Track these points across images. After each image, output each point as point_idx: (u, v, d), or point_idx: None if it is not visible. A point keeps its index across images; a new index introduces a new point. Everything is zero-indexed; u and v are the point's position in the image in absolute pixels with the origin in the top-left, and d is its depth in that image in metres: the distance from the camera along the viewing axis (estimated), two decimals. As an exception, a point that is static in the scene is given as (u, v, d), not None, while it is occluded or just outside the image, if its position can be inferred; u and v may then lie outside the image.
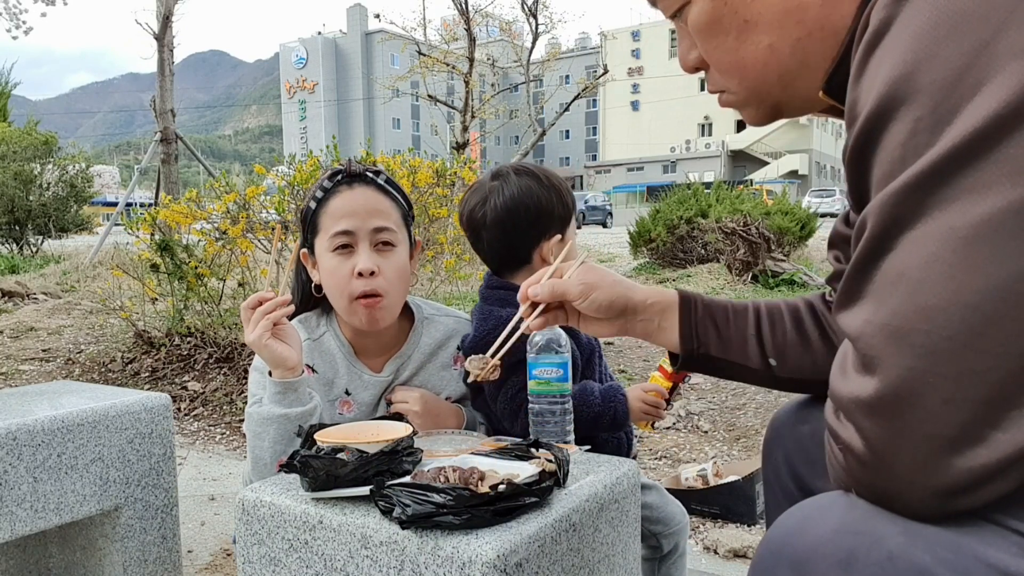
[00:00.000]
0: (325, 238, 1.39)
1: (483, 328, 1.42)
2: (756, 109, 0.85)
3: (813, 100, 0.80)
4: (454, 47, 16.70)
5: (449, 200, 4.29)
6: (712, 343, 1.03)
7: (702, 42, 0.83)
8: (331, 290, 1.41)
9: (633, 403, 1.42)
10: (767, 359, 1.03)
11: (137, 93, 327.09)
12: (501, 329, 1.38)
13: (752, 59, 0.79)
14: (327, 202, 1.41)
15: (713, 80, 0.86)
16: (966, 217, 0.55)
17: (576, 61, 68.89)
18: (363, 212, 1.39)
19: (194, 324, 4.34)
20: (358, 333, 1.47)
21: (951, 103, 0.56)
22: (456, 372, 1.53)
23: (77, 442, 1.60)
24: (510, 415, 1.40)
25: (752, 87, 0.82)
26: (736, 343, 1.03)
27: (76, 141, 25.73)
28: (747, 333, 1.04)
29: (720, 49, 0.81)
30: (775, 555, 0.65)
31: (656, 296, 1.06)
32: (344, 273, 1.37)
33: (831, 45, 0.75)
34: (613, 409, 1.40)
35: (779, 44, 0.77)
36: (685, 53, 0.87)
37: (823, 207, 20.47)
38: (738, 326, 1.04)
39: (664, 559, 1.50)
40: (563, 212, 1.45)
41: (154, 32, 8.42)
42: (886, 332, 0.58)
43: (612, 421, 1.40)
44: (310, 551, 0.95)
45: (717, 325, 1.04)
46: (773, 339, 1.03)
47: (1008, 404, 0.55)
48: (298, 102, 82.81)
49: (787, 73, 0.79)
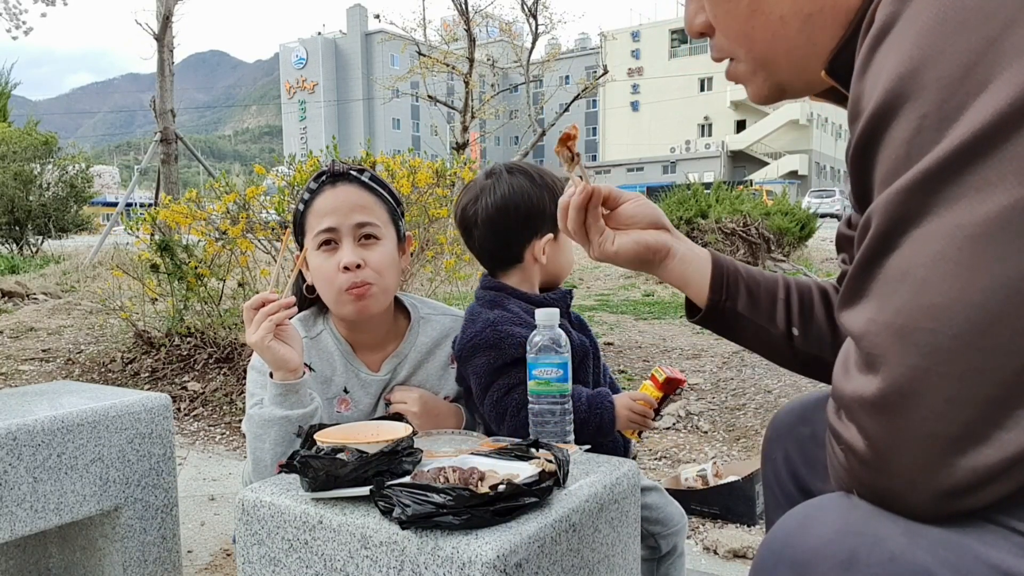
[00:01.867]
0: (310, 237, 1.42)
1: (471, 330, 1.41)
2: (762, 82, 0.84)
3: (815, 81, 0.80)
4: (454, 47, 16.70)
5: (449, 200, 4.28)
6: (741, 299, 1.03)
7: (712, 5, 0.82)
8: (321, 287, 1.43)
9: (621, 411, 1.40)
10: (791, 327, 1.02)
11: (137, 93, 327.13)
12: (488, 331, 1.38)
13: (762, 29, 0.79)
14: (312, 203, 1.43)
15: (719, 46, 0.85)
16: (972, 215, 0.54)
17: (576, 61, 68.84)
18: (345, 208, 1.40)
19: (194, 324, 4.33)
20: (355, 331, 1.47)
21: (957, 100, 0.55)
22: (454, 370, 1.53)
23: (77, 442, 1.60)
24: (496, 419, 1.39)
25: (759, 58, 0.82)
26: (764, 304, 1.03)
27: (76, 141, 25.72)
28: (777, 296, 1.03)
29: (731, 15, 0.81)
30: (776, 556, 0.65)
31: (692, 250, 1.06)
32: (330, 268, 1.39)
33: (840, 25, 0.74)
34: (599, 416, 1.38)
35: (790, 17, 0.77)
36: (692, 16, 0.86)
37: (823, 207, 20.49)
38: (767, 290, 1.04)
39: (662, 560, 1.50)
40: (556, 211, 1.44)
41: (154, 32, 8.42)
42: (890, 330, 0.58)
43: (597, 428, 1.38)
44: (310, 551, 0.95)
45: (748, 284, 1.04)
46: (800, 310, 1.03)
47: (1013, 403, 0.54)
48: (298, 102, 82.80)
49: (794, 48, 0.78)
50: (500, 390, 1.37)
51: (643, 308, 6.74)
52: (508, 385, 1.36)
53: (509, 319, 1.39)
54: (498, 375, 1.37)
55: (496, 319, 1.39)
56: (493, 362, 1.37)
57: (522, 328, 1.37)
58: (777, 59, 0.80)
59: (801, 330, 1.02)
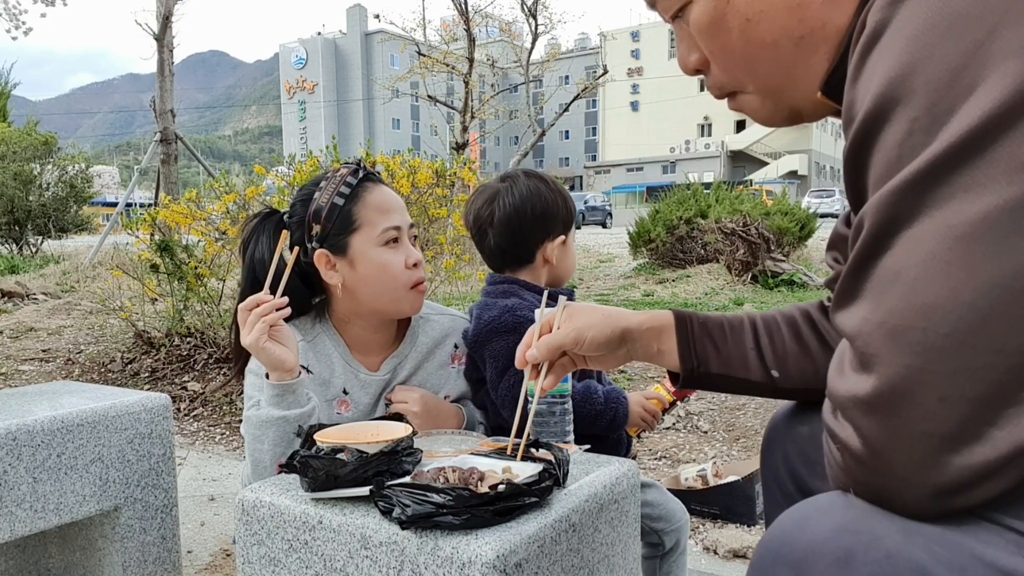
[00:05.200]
0: (373, 233, 1.40)
1: (487, 315, 1.45)
2: (773, 108, 0.84)
3: (822, 103, 0.80)
4: (454, 47, 16.71)
5: (448, 200, 4.29)
6: (712, 360, 1.03)
7: (705, 42, 0.83)
8: (380, 281, 1.41)
9: (633, 407, 1.47)
10: (769, 371, 1.02)
11: (137, 93, 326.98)
12: (507, 316, 1.41)
13: (759, 57, 0.79)
14: (360, 198, 1.41)
15: (719, 84, 0.85)
16: (963, 215, 0.55)
17: (576, 61, 68.88)
18: (400, 208, 1.45)
19: (194, 324, 4.34)
20: (358, 332, 1.48)
21: (947, 103, 0.56)
22: (454, 370, 1.53)
23: (77, 442, 1.60)
24: (510, 403, 1.42)
25: (764, 87, 0.82)
26: (736, 358, 1.02)
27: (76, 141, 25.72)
28: (746, 347, 1.03)
29: (726, 49, 0.81)
30: (773, 555, 0.65)
31: (651, 320, 1.05)
32: (397, 265, 1.41)
33: (832, 45, 0.75)
34: (615, 411, 1.44)
35: (782, 42, 0.77)
36: (685, 55, 0.87)
37: (823, 207, 20.49)
38: (736, 341, 1.03)
39: (666, 556, 1.51)
40: (566, 216, 1.53)
41: (154, 32, 8.42)
42: (883, 330, 0.58)
43: (611, 422, 1.44)
44: (310, 551, 0.95)
45: (715, 342, 1.03)
46: (773, 351, 1.03)
47: (1006, 401, 0.55)
48: (298, 102, 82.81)
49: (794, 71, 0.78)
50: (517, 373, 1.39)
51: (643, 308, 6.73)
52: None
53: (525, 306, 1.44)
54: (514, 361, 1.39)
55: (514, 305, 1.44)
56: (512, 345, 1.39)
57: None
58: (783, 84, 0.80)
59: (780, 370, 1.02)
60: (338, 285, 1.42)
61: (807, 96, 0.80)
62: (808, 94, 0.79)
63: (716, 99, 0.88)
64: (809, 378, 1.02)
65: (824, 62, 0.76)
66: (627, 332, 1.04)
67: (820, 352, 1.02)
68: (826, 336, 1.03)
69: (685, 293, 7.53)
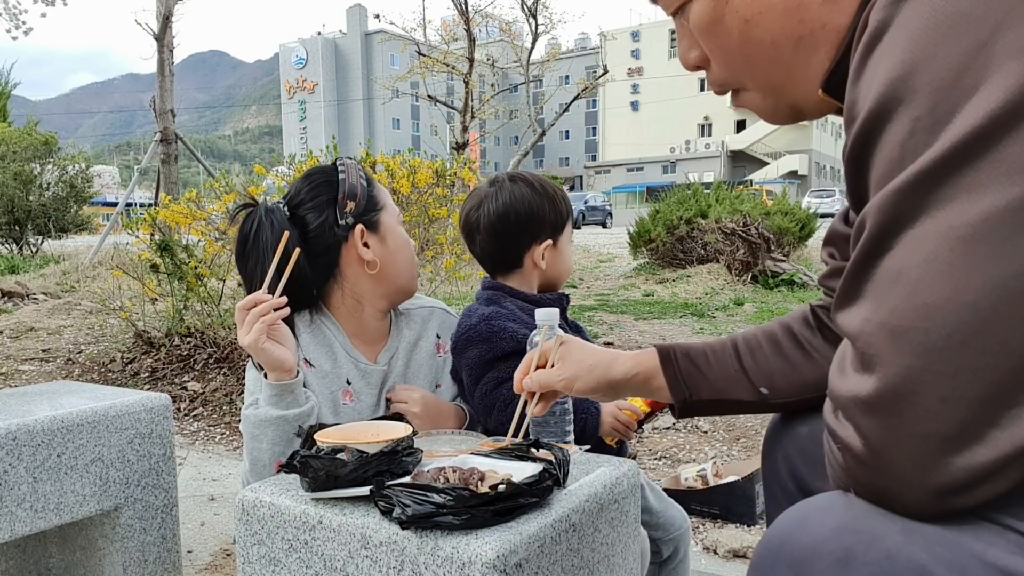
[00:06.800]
0: (392, 212, 1.51)
1: (465, 324, 1.46)
2: (774, 105, 0.84)
3: (824, 102, 0.80)
4: (454, 47, 16.72)
5: (449, 200, 4.29)
6: (703, 388, 1.05)
7: (705, 41, 0.83)
8: (407, 256, 1.51)
9: (606, 417, 1.44)
10: (758, 389, 1.04)
11: (137, 93, 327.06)
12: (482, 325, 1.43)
13: (758, 57, 0.79)
14: (373, 183, 1.51)
15: (719, 80, 0.85)
16: (965, 216, 0.55)
17: (576, 61, 68.87)
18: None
19: (194, 324, 4.34)
20: (364, 319, 1.49)
21: (949, 103, 0.56)
22: (441, 359, 1.56)
23: (77, 442, 1.60)
24: (484, 411, 1.43)
25: (764, 85, 0.82)
26: (725, 382, 1.04)
27: (76, 141, 25.72)
28: (731, 370, 1.05)
29: (724, 48, 0.81)
30: (774, 554, 0.65)
31: (636, 366, 1.08)
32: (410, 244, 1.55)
33: (832, 46, 0.74)
34: (583, 421, 1.41)
35: (781, 42, 0.77)
36: (686, 51, 0.87)
37: (823, 207, 20.46)
38: (721, 366, 1.05)
39: (664, 564, 1.50)
40: (556, 219, 1.50)
41: (154, 32, 8.42)
42: (885, 330, 0.58)
43: (580, 433, 1.40)
44: (310, 551, 0.95)
45: (701, 370, 1.05)
46: (758, 369, 1.04)
47: (1006, 402, 0.55)
48: (298, 102, 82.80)
49: (794, 71, 0.78)
50: (490, 383, 1.40)
51: (643, 308, 6.75)
52: (498, 379, 1.39)
53: (503, 315, 1.43)
54: (489, 368, 1.40)
55: (491, 314, 1.43)
56: (485, 355, 1.40)
57: (516, 324, 1.41)
58: (782, 83, 0.80)
59: (769, 387, 1.03)
60: (375, 261, 1.44)
61: (808, 94, 0.80)
62: (809, 92, 0.79)
63: (717, 95, 0.88)
64: (799, 390, 1.03)
65: (825, 61, 0.76)
66: (614, 382, 1.09)
67: (805, 364, 1.03)
68: (809, 349, 1.04)
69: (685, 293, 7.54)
